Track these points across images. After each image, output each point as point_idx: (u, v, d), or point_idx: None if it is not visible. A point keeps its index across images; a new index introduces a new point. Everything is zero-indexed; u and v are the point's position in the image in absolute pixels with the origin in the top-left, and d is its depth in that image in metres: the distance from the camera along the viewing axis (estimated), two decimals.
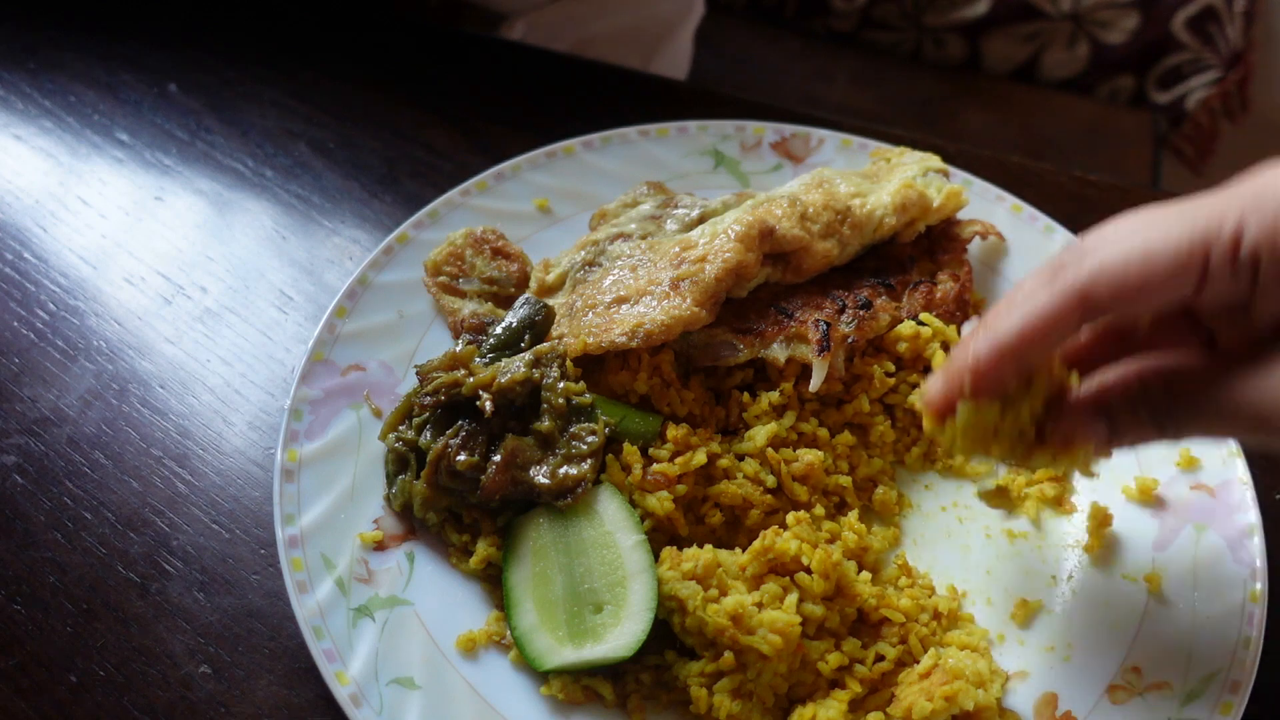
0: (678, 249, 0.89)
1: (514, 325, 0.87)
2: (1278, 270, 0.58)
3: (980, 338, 0.66)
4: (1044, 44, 2.13)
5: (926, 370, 0.90)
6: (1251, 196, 0.59)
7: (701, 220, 0.94)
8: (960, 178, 1.03)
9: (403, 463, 0.83)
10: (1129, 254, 0.62)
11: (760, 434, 0.83)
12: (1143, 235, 0.62)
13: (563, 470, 0.79)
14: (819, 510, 0.83)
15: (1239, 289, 0.60)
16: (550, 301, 0.91)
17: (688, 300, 0.84)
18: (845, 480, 0.85)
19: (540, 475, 0.79)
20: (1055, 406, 0.69)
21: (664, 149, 1.06)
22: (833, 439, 0.87)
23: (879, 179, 0.99)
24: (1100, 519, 0.83)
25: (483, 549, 0.80)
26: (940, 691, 0.71)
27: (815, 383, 0.84)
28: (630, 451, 0.81)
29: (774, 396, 0.86)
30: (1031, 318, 0.64)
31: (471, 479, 0.80)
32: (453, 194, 1.00)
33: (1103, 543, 0.83)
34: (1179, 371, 0.66)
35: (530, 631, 0.75)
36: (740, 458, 0.84)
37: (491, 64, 1.25)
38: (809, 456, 0.83)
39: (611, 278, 0.89)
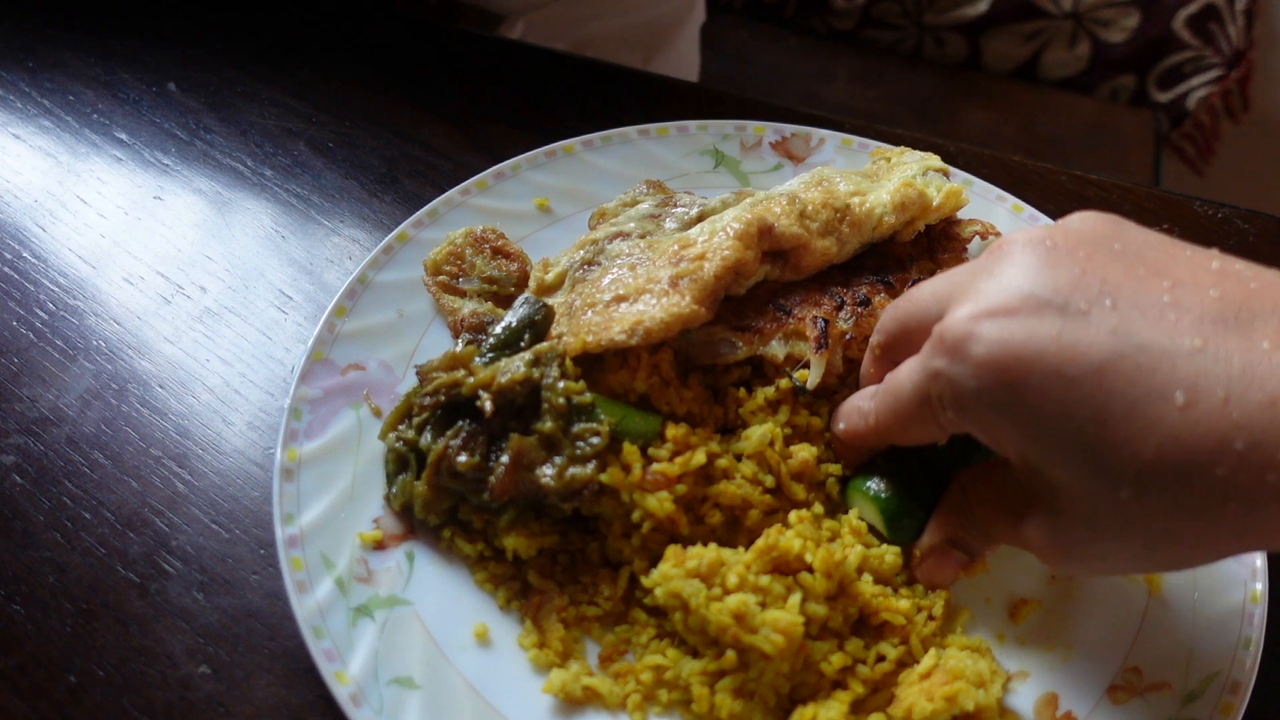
0: (676, 247, 0.89)
1: (514, 325, 0.87)
2: (977, 431, 0.66)
3: (832, 424, 0.84)
4: (1044, 43, 2.13)
5: None
6: (941, 377, 0.66)
7: (700, 219, 0.94)
8: (960, 177, 1.03)
9: (402, 462, 0.83)
10: (885, 407, 0.74)
11: (755, 435, 0.83)
12: (893, 393, 0.73)
13: (570, 471, 0.79)
14: (818, 508, 0.83)
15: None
16: (550, 301, 0.91)
17: (687, 298, 0.84)
18: (836, 469, 0.85)
19: (547, 476, 0.79)
20: None
21: (664, 148, 1.06)
22: (825, 430, 0.87)
23: (879, 178, 0.99)
24: None
25: (512, 541, 0.79)
26: (941, 692, 0.71)
27: (813, 380, 0.84)
28: (630, 451, 0.81)
29: (769, 392, 0.86)
30: (850, 433, 0.80)
31: (473, 479, 0.80)
32: (452, 193, 1.00)
33: None
34: None
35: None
36: (739, 458, 0.84)
37: (491, 63, 1.25)
38: (803, 453, 0.83)
39: (610, 276, 0.89)
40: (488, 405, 0.81)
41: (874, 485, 0.81)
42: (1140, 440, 0.57)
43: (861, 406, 0.79)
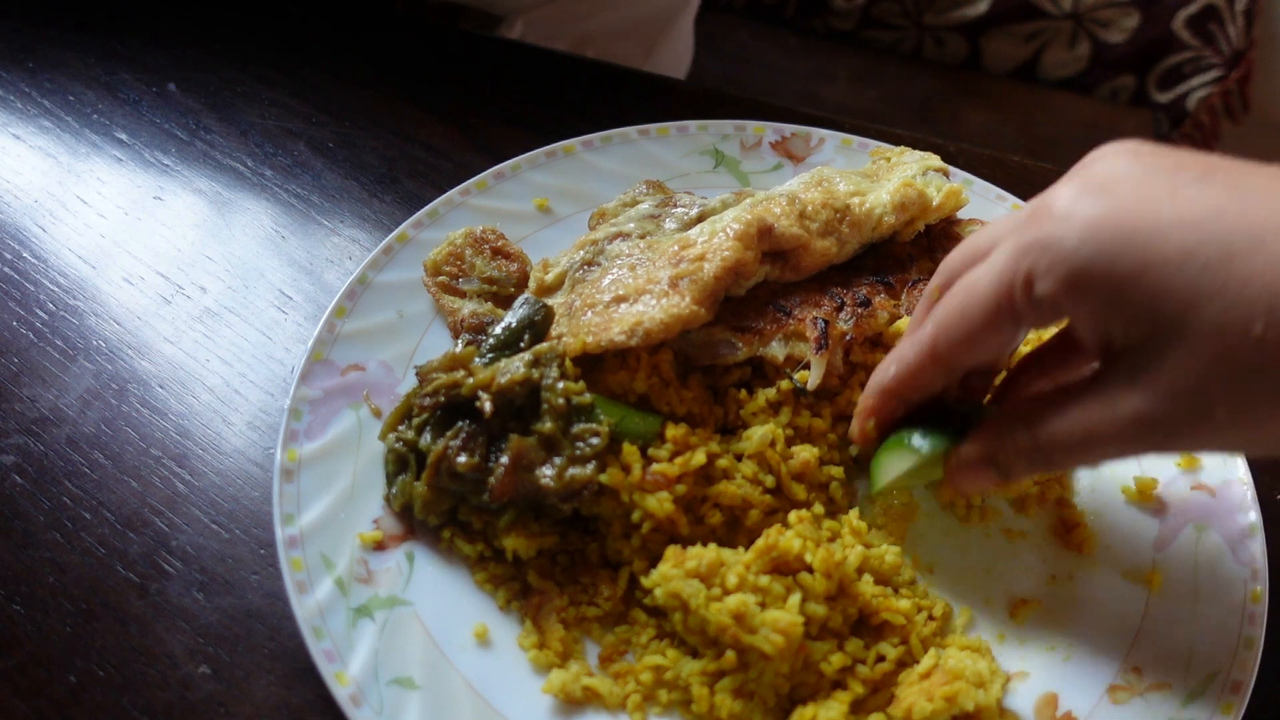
0: (676, 248, 0.89)
1: (513, 325, 0.87)
2: (1073, 310, 0.61)
3: (871, 380, 0.77)
4: (1044, 43, 2.13)
5: None
6: (1038, 243, 0.61)
7: (700, 219, 0.94)
8: (960, 177, 1.03)
9: (402, 463, 0.83)
10: (954, 311, 0.68)
11: (756, 435, 0.83)
12: (964, 291, 0.67)
13: (570, 472, 0.79)
14: (818, 509, 0.83)
15: (1055, 321, 0.65)
16: (549, 301, 0.91)
17: (686, 299, 0.84)
18: (839, 471, 0.85)
19: (546, 477, 0.79)
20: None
21: (664, 148, 1.06)
22: (827, 432, 0.87)
23: (879, 178, 0.99)
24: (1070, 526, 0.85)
25: (512, 542, 0.79)
26: (940, 692, 0.71)
27: (813, 381, 0.84)
28: (630, 451, 0.81)
29: (770, 394, 0.86)
30: (904, 367, 0.73)
31: (473, 480, 0.80)
32: (452, 194, 1.00)
33: (1092, 545, 0.83)
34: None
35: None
36: (739, 458, 0.84)
37: (491, 64, 1.25)
38: (804, 454, 0.83)
39: (610, 277, 0.89)
40: (487, 406, 0.81)
41: (914, 440, 0.76)
42: (1274, 270, 0.54)
43: (915, 336, 0.72)
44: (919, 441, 0.75)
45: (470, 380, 0.82)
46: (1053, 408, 0.66)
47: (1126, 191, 0.59)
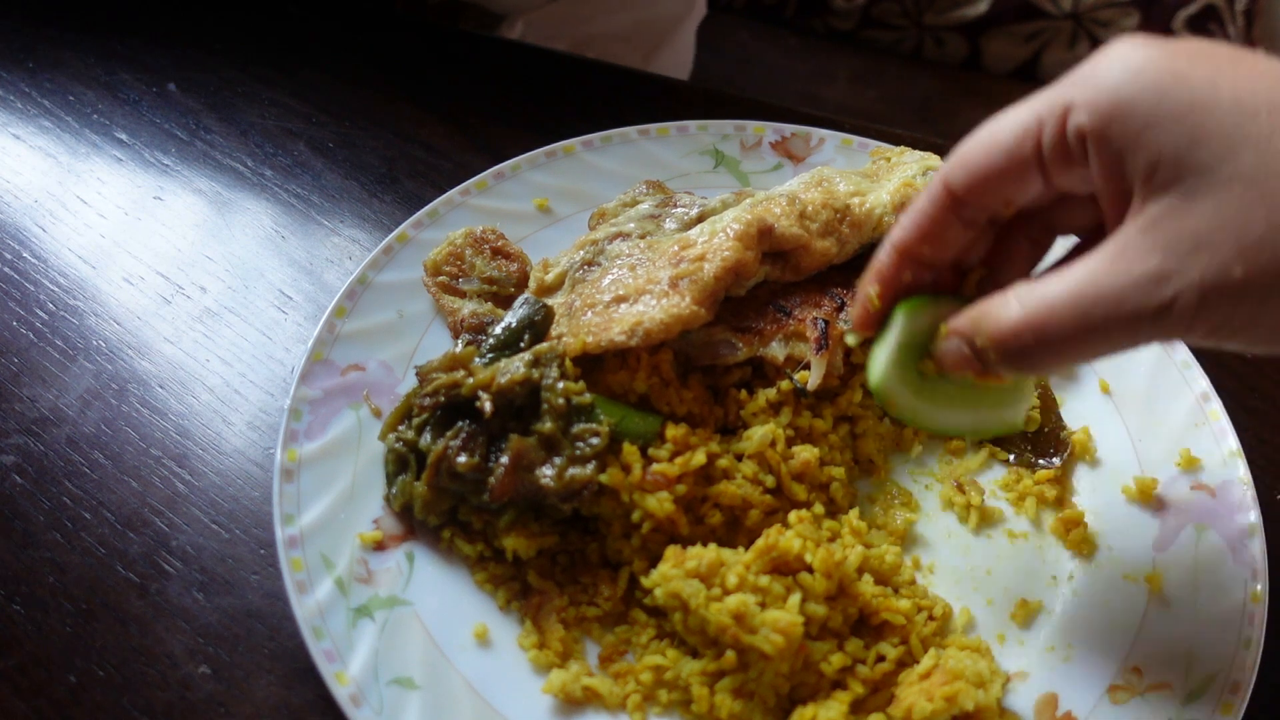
0: (676, 248, 0.89)
1: (513, 325, 0.87)
2: (1103, 146, 0.59)
3: (882, 245, 0.73)
4: (1044, 43, 2.13)
5: None
6: (1081, 78, 0.61)
7: (700, 219, 0.94)
8: None
9: (402, 463, 0.83)
10: (976, 142, 0.66)
11: (757, 435, 0.83)
12: (990, 125, 0.65)
13: (570, 472, 0.79)
14: (818, 509, 0.83)
15: (1076, 167, 0.62)
16: (549, 301, 0.91)
17: (687, 299, 0.84)
18: (839, 471, 0.85)
19: (546, 477, 0.79)
20: None
21: (664, 148, 1.06)
22: (828, 433, 0.87)
23: (879, 178, 0.99)
24: (1070, 523, 0.85)
25: (512, 542, 0.79)
26: (940, 692, 0.71)
27: (813, 381, 0.84)
28: (630, 451, 0.81)
29: (771, 394, 0.86)
30: (914, 215, 0.70)
31: (473, 480, 0.80)
32: (452, 194, 1.00)
33: (1092, 545, 0.83)
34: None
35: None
36: (739, 458, 0.84)
37: (491, 64, 1.25)
38: (805, 454, 0.83)
39: (610, 277, 0.89)
40: (487, 406, 0.81)
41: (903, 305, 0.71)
42: None
43: (929, 184, 0.69)
44: (906, 306, 0.70)
45: (470, 380, 0.82)
46: (1052, 273, 0.62)
47: (1189, 49, 0.59)
